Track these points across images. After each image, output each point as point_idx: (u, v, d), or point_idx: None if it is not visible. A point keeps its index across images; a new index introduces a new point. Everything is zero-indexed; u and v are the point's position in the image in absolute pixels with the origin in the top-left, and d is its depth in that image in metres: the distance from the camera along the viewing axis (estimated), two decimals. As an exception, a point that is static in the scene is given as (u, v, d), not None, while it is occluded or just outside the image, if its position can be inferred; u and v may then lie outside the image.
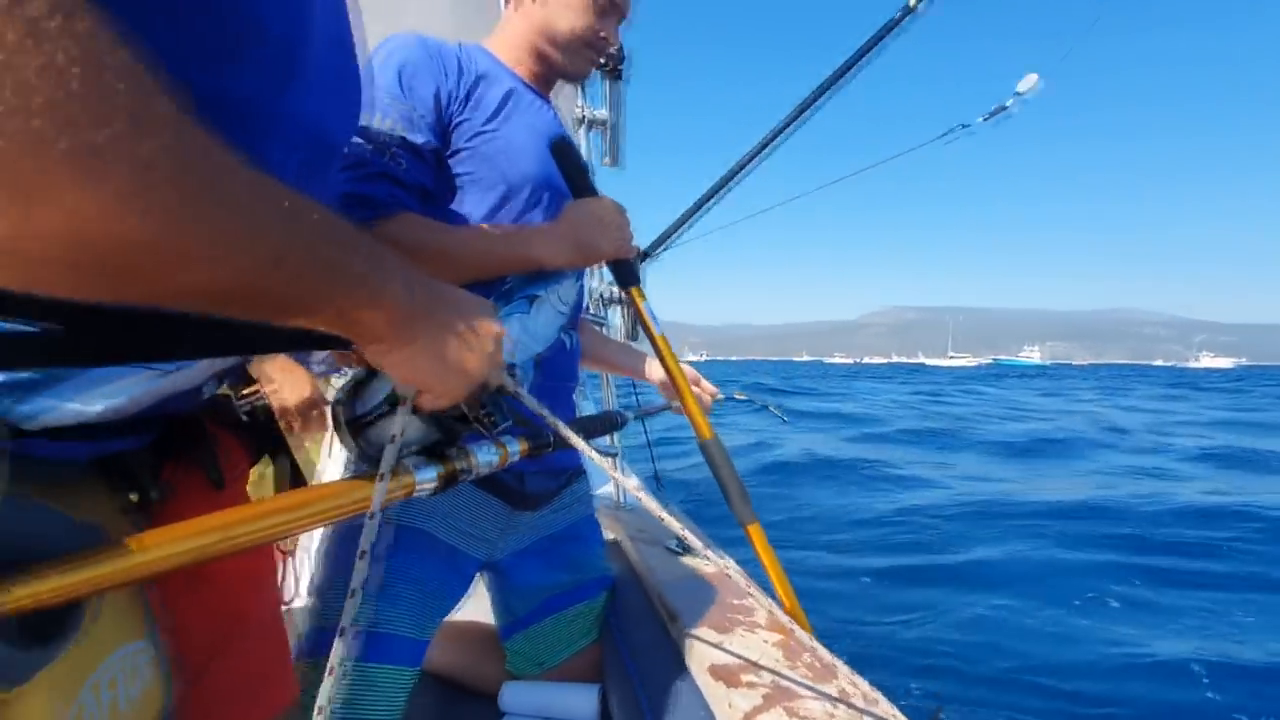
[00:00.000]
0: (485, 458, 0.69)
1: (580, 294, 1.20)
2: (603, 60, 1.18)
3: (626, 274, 1.14)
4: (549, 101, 1.19)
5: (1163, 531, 5.01)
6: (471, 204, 1.04)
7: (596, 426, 1.06)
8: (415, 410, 0.61)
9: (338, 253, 0.42)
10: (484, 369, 0.59)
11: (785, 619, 0.76)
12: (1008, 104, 2.64)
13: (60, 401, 0.44)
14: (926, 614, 3.50)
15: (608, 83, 2.12)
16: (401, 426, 0.61)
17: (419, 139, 0.98)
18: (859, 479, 7.42)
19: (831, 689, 0.83)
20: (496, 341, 0.61)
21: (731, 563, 1.04)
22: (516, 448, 0.75)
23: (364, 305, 0.47)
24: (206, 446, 0.63)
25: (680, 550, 1.49)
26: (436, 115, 1.00)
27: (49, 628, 0.41)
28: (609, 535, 1.62)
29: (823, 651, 0.76)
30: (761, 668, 0.90)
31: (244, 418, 0.71)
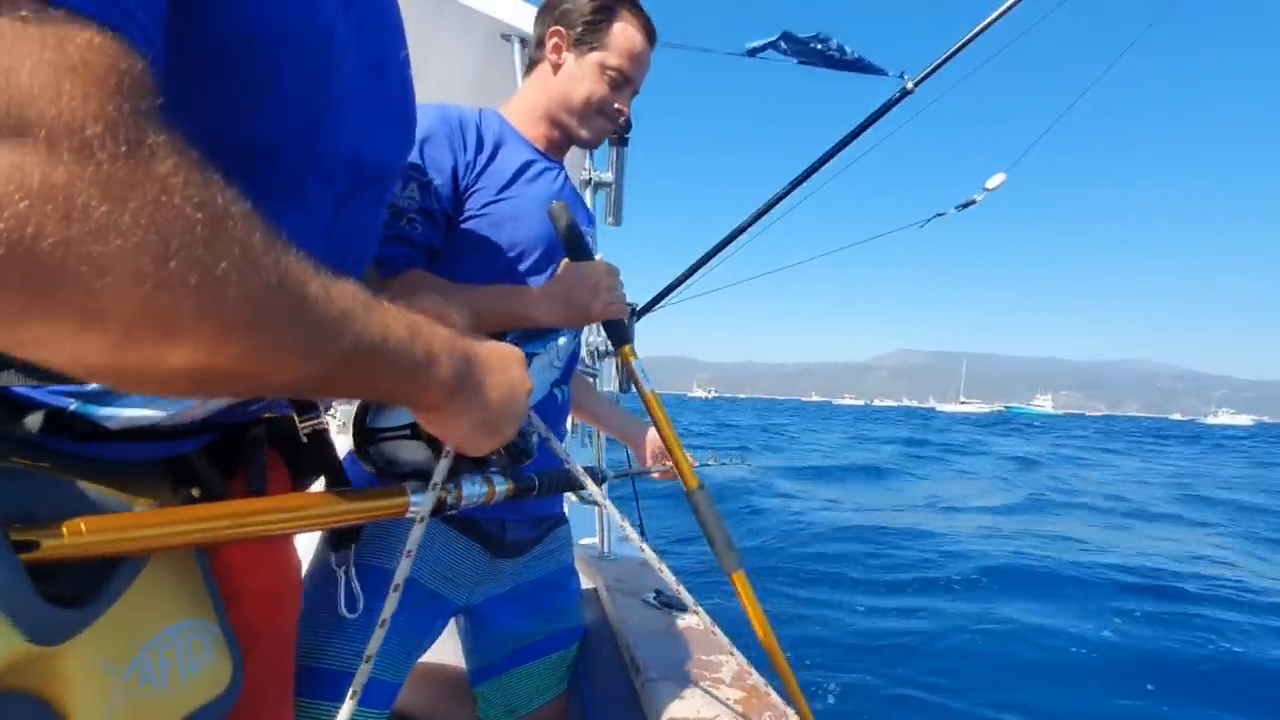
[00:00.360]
0: (472, 490, 0.72)
1: (576, 351, 1.26)
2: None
3: (618, 333, 1.18)
4: (562, 166, 1.26)
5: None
6: (478, 265, 1.10)
7: (573, 481, 1.01)
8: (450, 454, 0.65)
9: (398, 346, 0.47)
10: (516, 428, 0.64)
11: (757, 678, 0.78)
12: (977, 198, 2.87)
13: (136, 407, 0.49)
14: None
15: (613, 148, 2.26)
16: (443, 473, 0.65)
17: (433, 206, 1.06)
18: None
19: None
20: (527, 397, 0.65)
21: (708, 619, 1.06)
22: (504, 488, 0.77)
23: (418, 389, 0.52)
24: (255, 457, 0.66)
25: (658, 604, 1.48)
26: (453, 185, 1.08)
27: (84, 593, 0.44)
28: (587, 584, 1.62)
29: (786, 710, 0.77)
30: None
31: (304, 439, 0.72)
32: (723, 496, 8.48)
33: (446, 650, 1.33)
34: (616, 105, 1.22)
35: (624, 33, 1.19)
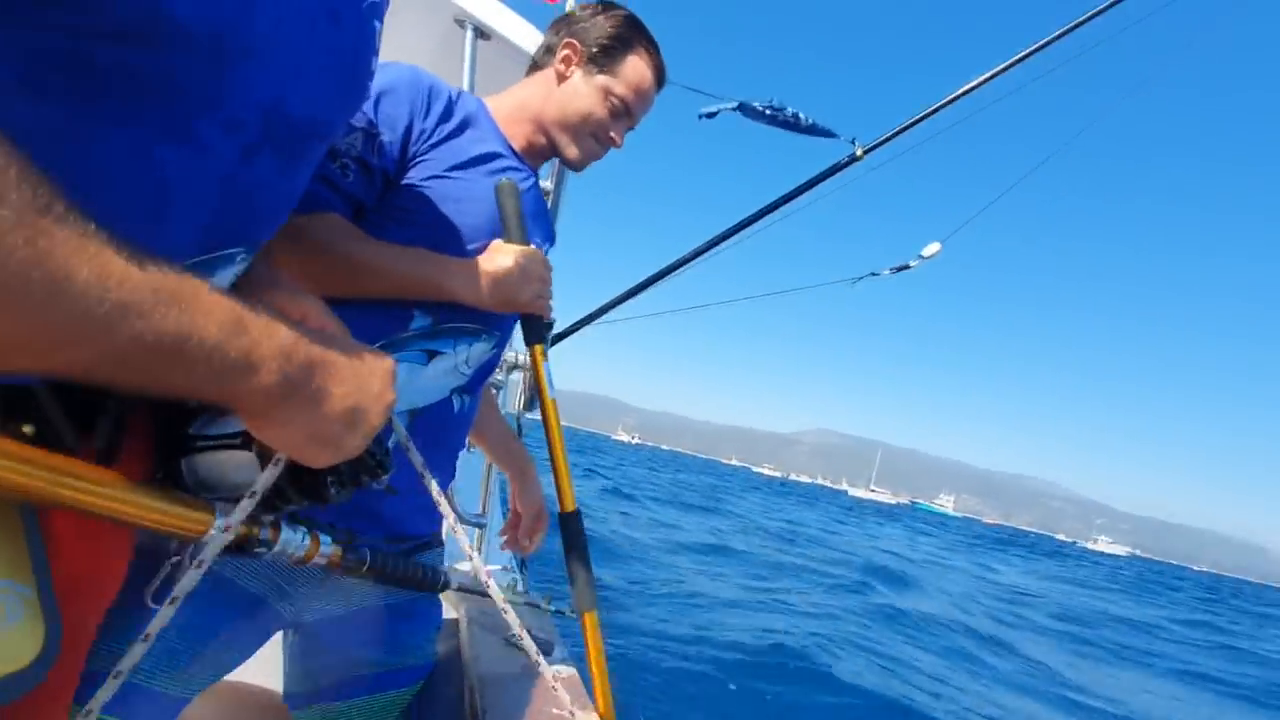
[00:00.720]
0: (291, 538, 0.67)
1: (491, 363, 1.17)
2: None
3: (535, 330, 1.14)
4: (534, 174, 1.22)
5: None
6: (407, 240, 1.01)
7: (409, 574, 0.94)
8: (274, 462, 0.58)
9: (201, 346, 0.44)
10: (361, 444, 0.60)
11: None
12: (911, 263, 2.88)
13: None
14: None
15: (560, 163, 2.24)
16: (265, 485, 0.57)
17: (373, 161, 0.99)
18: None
19: None
20: (386, 412, 0.61)
21: (563, 671, 0.98)
22: (328, 551, 0.73)
23: (230, 392, 0.48)
24: (110, 410, 0.56)
25: (519, 645, 1.33)
26: (401, 147, 1.01)
27: None
28: (450, 614, 1.46)
29: None
30: None
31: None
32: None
33: (265, 669, 1.18)
34: (611, 133, 1.19)
35: (636, 67, 1.18)
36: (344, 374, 0.57)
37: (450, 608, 1.54)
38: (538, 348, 1.15)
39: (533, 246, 1.10)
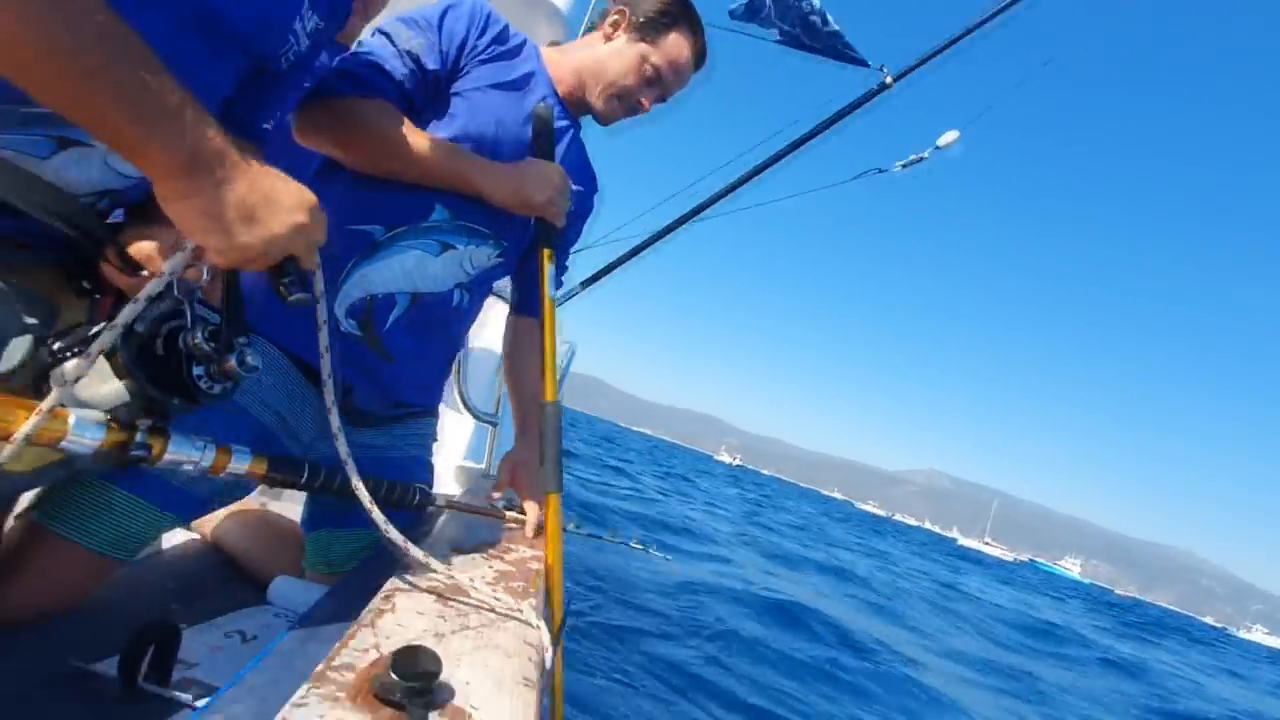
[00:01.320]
0: (186, 450, 0.72)
1: (495, 270, 1.30)
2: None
3: (547, 235, 1.26)
4: (576, 123, 1.36)
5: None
6: (440, 135, 1.16)
7: (389, 492, 1.04)
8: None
9: (156, 92, 0.57)
10: (259, 250, 0.65)
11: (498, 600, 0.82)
12: (925, 155, 2.81)
13: None
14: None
15: None
16: (158, 287, 0.63)
17: (430, 64, 1.15)
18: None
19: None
20: (294, 232, 0.67)
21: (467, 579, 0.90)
22: (245, 462, 0.80)
23: (156, 140, 0.58)
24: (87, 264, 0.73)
25: (482, 507, 1.33)
26: (456, 55, 1.18)
27: None
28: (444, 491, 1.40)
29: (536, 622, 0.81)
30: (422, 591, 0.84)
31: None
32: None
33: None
34: (640, 98, 1.32)
35: (677, 43, 1.30)
36: (256, 179, 0.65)
37: (446, 486, 1.69)
38: (546, 251, 1.26)
39: (556, 164, 1.24)
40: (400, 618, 0.74)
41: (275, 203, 0.66)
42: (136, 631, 0.86)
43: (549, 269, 1.26)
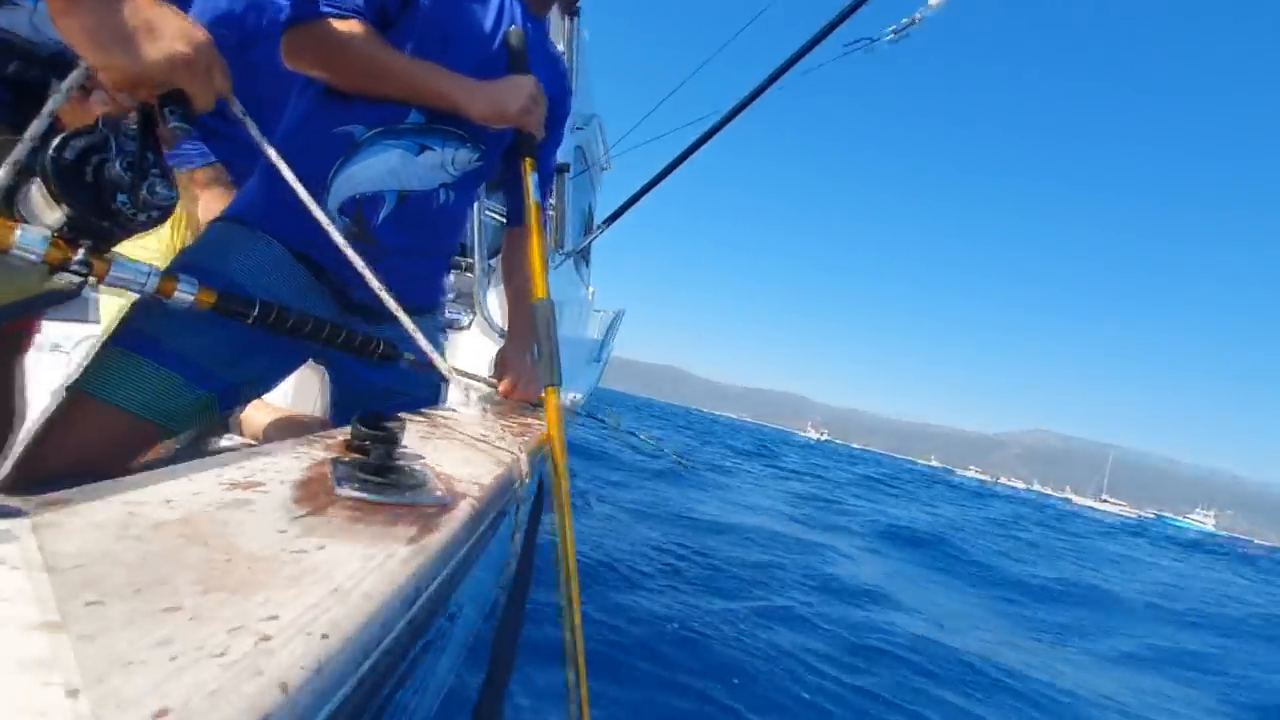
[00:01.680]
0: (129, 273, 0.80)
1: (478, 173, 1.36)
2: None
3: (526, 144, 1.34)
4: (537, 21, 1.43)
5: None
6: (414, 53, 1.21)
7: (312, 329, 1.09)
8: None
9: None
10: (159, 65, 0.70)
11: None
12: (916, 17, 2.56)
13: None
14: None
15: (565, 20, 2.48)
16: (61, 98, 0.69)
17: None
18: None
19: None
20: (193, 51, 0.73)
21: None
22: (192, 291, 0.89)
23: None
24: None
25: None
26: None
27: None
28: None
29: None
30: None
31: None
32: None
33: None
34: None
35: None
36: (141, 6, 0.69)
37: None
38: (528, 161, 1.34)
39: (531, 75, 1.30)
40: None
41: (156, 30, 0.70)
42: None
43: (531, 177, 1.33)
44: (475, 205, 2.08)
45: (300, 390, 2.04)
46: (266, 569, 0.37)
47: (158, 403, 1.07)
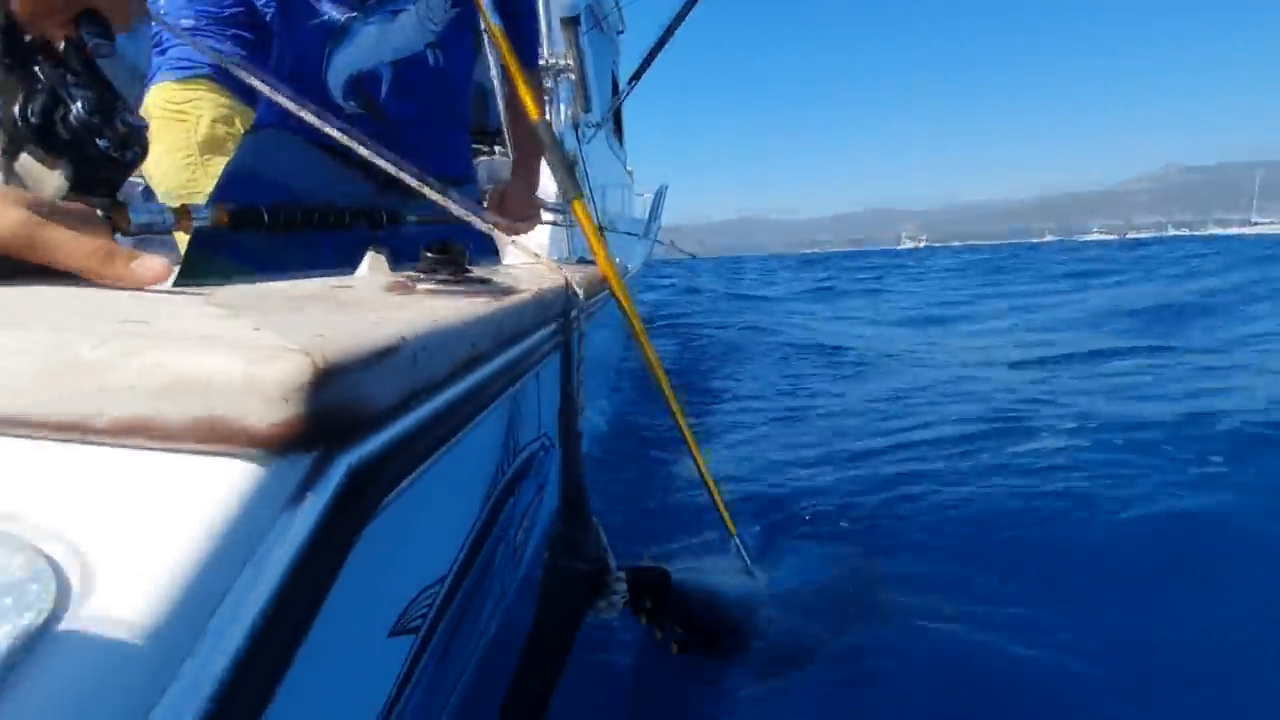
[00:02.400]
0: (147, 215, 0.82)
1: (460, 25, 1.39)
2: None
3: None
4: None
5: None
6: None
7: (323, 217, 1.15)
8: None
9: None
10: None
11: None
12: None
13: None
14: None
15: None
16: None
17: None
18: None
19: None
20: None
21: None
22: (207, 215, 0.97)
23: None
24: None
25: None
26: None
27: None
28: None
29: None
30: None
31: None
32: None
33: None
34: None
35: None
36: None
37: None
38: None
39: None
40: None
41: None
42: None
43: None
44: (496, 83, 2.11)
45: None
46: (372, 306, 0.50)
47: None
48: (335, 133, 1.05)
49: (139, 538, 0.26)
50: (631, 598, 1.08)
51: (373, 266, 0.87)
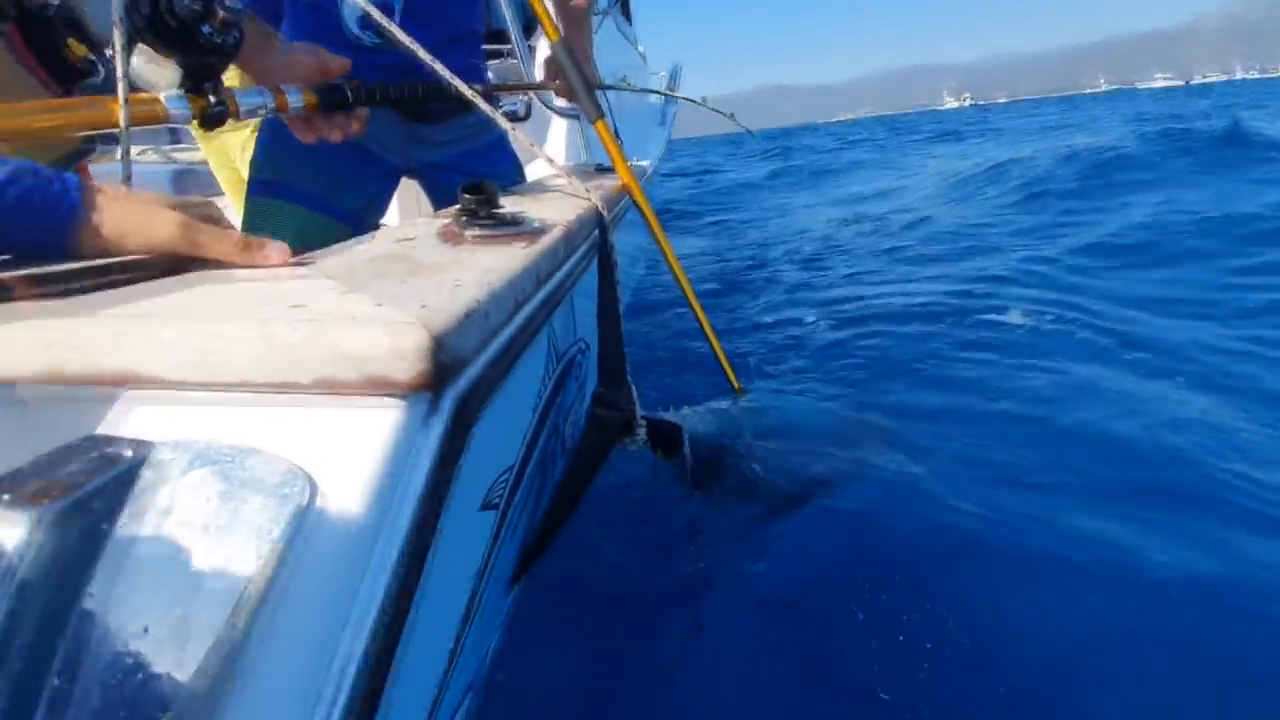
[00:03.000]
0: (253, 100, 0.91)
1: None
2: None
3: None
4: None
5: None
6: None
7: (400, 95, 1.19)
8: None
9: None
10: None
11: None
12: None
13: None
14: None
15: None
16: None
17: None
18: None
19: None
20: None
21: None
22: (299, 98, 0.98)
23: None
24: None
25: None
26: None
27: None
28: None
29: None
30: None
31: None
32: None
33: None
34: None
35: None
36: None
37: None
38: None
39: None
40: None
41: None
42: None
43: None
44: None
45: (403, 208, 2.40)
46: (441, 267, 0.63)
47: (303, 235, 1.33)
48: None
49: (338, 454, 0.42)
50: (651, 441, 1.39)
51: (402, 204, 0.98)
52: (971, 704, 1.19)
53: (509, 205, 0.88)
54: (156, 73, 0.83)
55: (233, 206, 2.14)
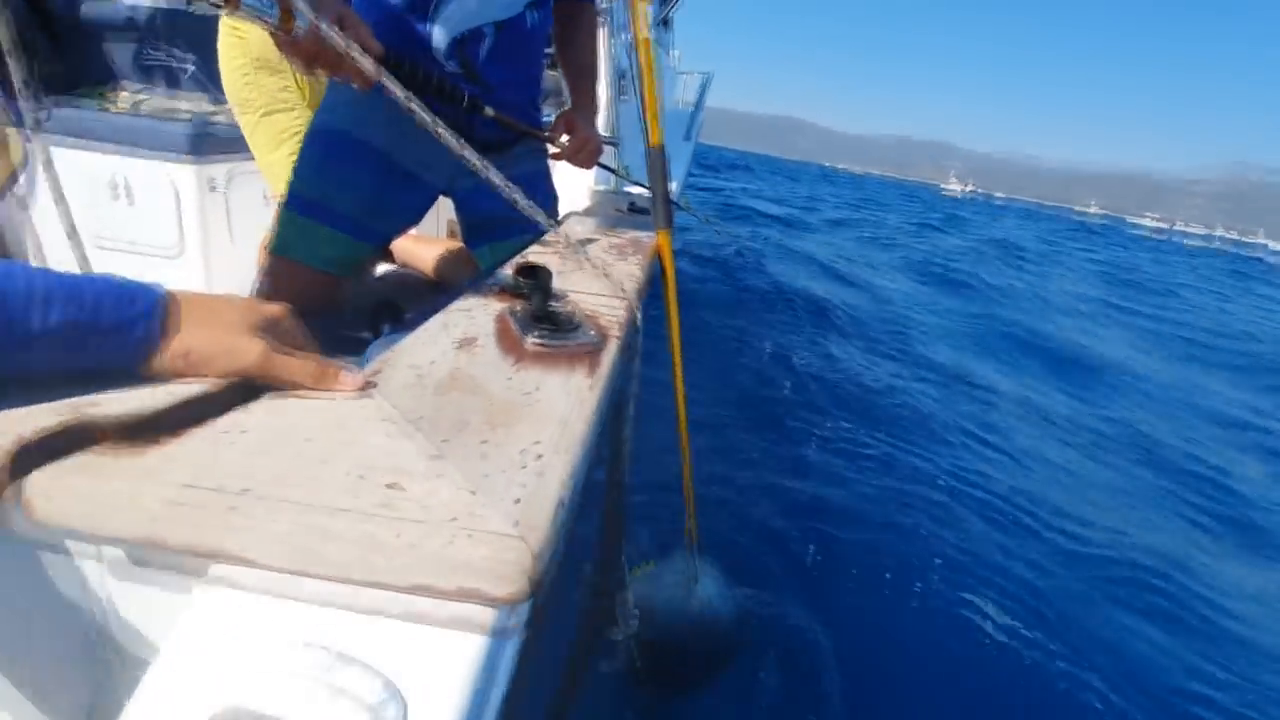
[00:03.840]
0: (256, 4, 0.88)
1: None
2: None
3: None
4: None
5: None
6: None
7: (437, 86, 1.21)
8: None
9: None
10: None
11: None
12: None
13: None
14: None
15: None
16: None
17: None
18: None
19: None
20: None
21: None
22: (304, 24, 0.92)
23: None
24: None
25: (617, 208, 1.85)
26: None
27: None
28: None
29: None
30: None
31: None
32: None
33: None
34: None
35: None
36: None
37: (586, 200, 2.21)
38: None
39: None
40: (528, 258, 1.00)
41: None
42: (373, 307, 1.23)
43: None
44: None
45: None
46: (515, 409, 0.62)
47: (338, 259, 1.36)
48: (425, 116, 1.13)
49: (431, 663, 0.42)
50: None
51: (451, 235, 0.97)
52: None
53: (548, 263, 0.89)
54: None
55: (257, 155, 1.96)
